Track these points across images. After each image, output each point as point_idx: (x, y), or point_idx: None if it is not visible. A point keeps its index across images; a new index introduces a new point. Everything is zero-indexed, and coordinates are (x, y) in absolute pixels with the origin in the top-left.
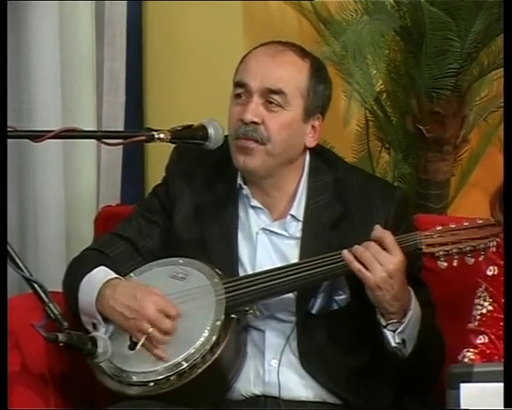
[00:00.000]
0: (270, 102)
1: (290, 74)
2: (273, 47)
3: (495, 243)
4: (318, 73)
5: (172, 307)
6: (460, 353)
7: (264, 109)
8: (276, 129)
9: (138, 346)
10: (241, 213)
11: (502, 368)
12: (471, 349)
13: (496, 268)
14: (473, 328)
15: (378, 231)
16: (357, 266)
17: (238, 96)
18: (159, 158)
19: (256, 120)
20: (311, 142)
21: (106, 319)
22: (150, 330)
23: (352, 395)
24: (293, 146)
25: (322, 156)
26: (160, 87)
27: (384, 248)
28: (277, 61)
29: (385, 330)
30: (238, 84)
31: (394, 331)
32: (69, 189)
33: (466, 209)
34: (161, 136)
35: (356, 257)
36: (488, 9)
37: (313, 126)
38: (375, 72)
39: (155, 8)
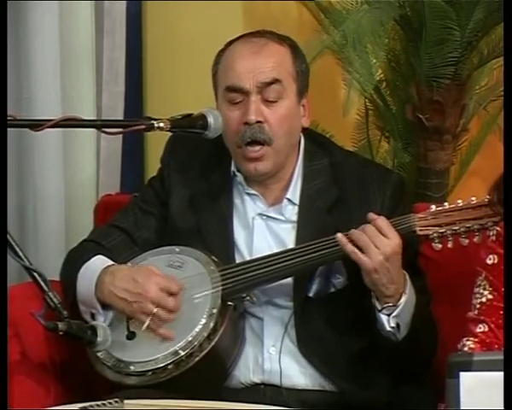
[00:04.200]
0: (268, 97)
1: (279, 63)
2: (253, 42)
3: (495, 232)
4: (298, 52)
5: (174, 282)
6: (460, 341)
7: (264, 106)
8: (278, 124)
9: (144, 327)
10: (237, 200)
11: (501, 357)
12: (471, 338)
13: (496, 257)
14: (473, 317)
15: (371, 216)
16: (351, 248)
17: (232, 101)
18: (158, 147)
19: (260, 119)
20: (306, 121)
21: (104, 308)
22: (155, 310)
23: (349, 382)
24: (294, 132)
25: (316, 141)
26: (160, 76)
27: (380, 233)
28: (263, 55)
29: (379, 314)
30: (231, 89)
31: (389, 315)
32: (69, 178)
33: (465, 198)
34: (161, 125)
35: (352, 241)
36: None
37: (303, 106)
38: (374, 61)
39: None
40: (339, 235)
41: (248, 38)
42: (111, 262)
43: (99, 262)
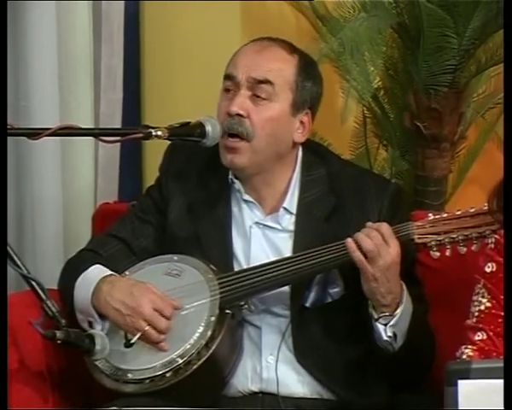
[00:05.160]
0: (258, 96)
1: (278, 68)
2: (261, 43)
3: (493, 240)
4: (307, 68)
5: (169, 305)
6: (458, 349)
7: (251, 103)
8: (261, 123)
9: (133, 340)
10: (235, 208)
11: (500, 365)
12: (469, 346)
13: (494, 265)
14: (471, 324)
15: (374, 223)
16: (359, 256)
17: (226, 90)
18: (156, 155)
19: (241, 112)
20: (299, 137)
21: (101, 316)
22: (146, 328)
23: (346, 390)
24: (281, 140)
25: (315, 151)
26: (158, 84)
27: (383, 240)
28: (265, 55)
29: (376, 324)
30: (226, 77)
31: (386, 325)
32: (67, 186)
33: (463, 206)
34: (159, 133)
35: (359, 246)
36: (485, 6)
37: (302, 122)
38: (372, 68)
39: (153, 5)
40: (348, 240)
41: (259, 40)
42: (109, 272)
43: (97, 271)
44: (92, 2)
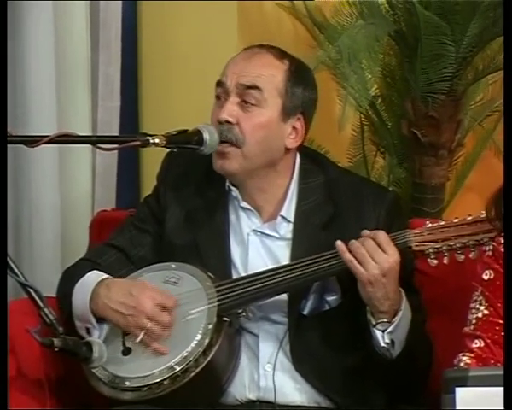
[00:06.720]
0: (247, 102)
1: (266, 74)
2: (251, 50)
3: (491, 247)
4: (298, 74)
5: (169, 298)
6: (456, 357)
7: (240, 110)
8: (250, 130)
9: (137, 340)
10: (232, 216)
11: (497, 372)
12: (467, 353)
13: (492, 272)
14: (469, 332)
15: (365, 234)
16: (348, 256)
17: (218, 97)
18: (154, 162)
19: (230, 119)
20: (291, 143)
21: (99, 322)
22: (149, 325)
23: (344, 398)
24: (272, 147)
25: (312, 159)
26: (155, 91)
27: (379, 248)
28: (254, 62)
29: (374, 330)
30: (217, 84)
31: (383, 331)
32: (64, 193)
33: (461, 213)
34: (156, 141)
35: (350, 251)
36: (483, 14)
37: (294, 127)
38: (369, 76)
39: (150, 13)
40: (338, 242)
41: (249, 47)
42: (106, 276)
43: (94, 276)
44: (90, 8)
